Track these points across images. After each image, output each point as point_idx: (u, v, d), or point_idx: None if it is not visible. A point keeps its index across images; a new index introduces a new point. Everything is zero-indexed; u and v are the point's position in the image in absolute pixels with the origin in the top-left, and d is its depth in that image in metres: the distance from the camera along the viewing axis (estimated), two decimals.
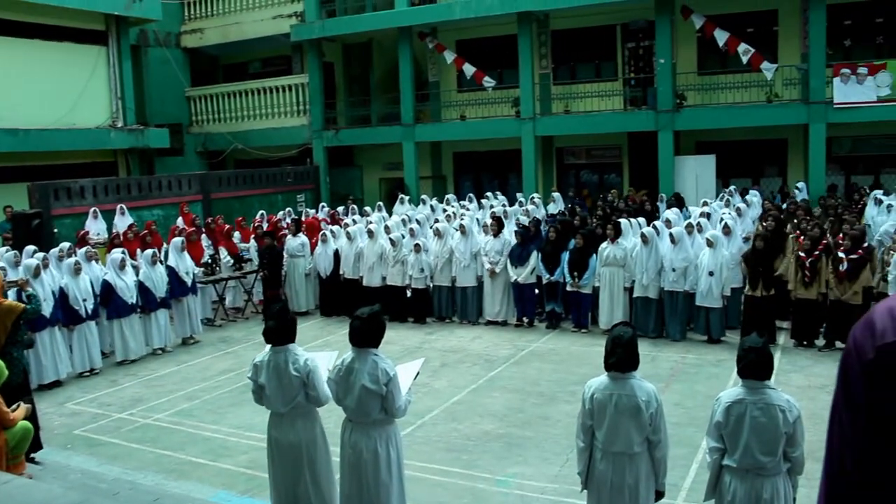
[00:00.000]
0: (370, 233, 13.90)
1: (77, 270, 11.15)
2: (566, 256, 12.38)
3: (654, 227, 12.17)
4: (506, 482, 7.05)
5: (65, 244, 12.40)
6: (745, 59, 18.17)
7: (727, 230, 11.83)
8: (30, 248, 12.02)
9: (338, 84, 25.13)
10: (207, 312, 14.48)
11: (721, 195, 17.02)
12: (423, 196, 20.11)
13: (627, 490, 4.93)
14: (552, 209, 18.03)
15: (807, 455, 4.68)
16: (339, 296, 14.10)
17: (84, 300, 11.07)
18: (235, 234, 15.88)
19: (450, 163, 24.45)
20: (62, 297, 10.84)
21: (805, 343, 11.04)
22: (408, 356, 10.35)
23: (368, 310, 5.44)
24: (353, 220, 16.24)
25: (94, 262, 12.04)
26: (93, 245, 13.71)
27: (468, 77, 21.63)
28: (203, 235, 15.30)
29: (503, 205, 17.73)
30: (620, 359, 4.90)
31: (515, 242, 12.94)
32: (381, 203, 19.19)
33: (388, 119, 23.60)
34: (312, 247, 14.78)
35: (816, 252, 10.82)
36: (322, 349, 9.30)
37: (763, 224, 12.98)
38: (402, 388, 5.41)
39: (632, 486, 4.93)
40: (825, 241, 11.14)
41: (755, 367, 4.69)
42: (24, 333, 7.64)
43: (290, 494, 5.75)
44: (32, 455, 7.31)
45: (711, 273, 11.22)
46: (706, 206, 14.69)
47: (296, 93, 23.81)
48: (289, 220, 16.52)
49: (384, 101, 24.19)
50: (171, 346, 12.62)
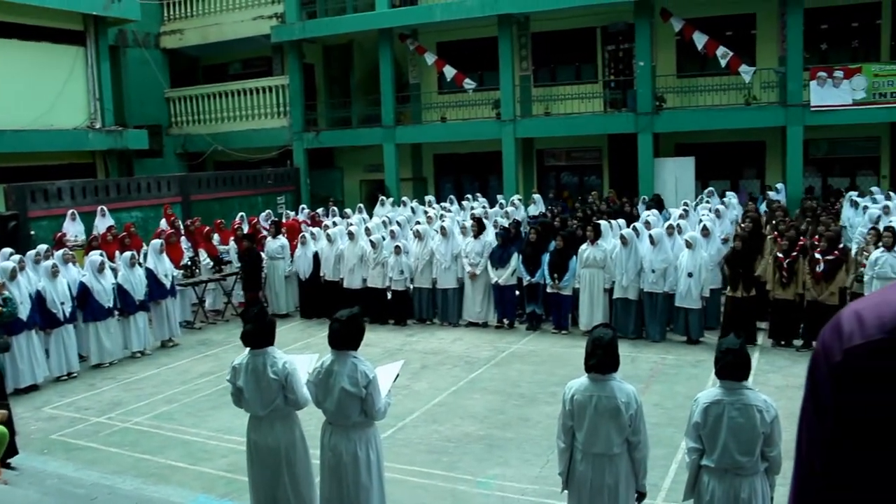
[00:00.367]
0: (350, 235, 13.88)
1: (54, 273, 11.04)
2: (546, 258, 12.42)
3: (634, 229, 12.24)
4: (486, 484, 7.06)
5: (42, 246, 12.23)
6: (724, 62, 18.32)
7: (706, 232, 11.92)
8: (6, 251, 11.91)
9: (318, 85, 25.05)
10: (187, 315, 14.39)
11: (700, 197, 17.15)
12: (404, 198, 20.11)
13: (607, 491, 4.95)
14: (533, 211, 18.08)
15: (784, 454, 4.71)
16: (320, 298, 14.06)
17: (61, 303, 10.96)
18: (215, 237, 15.78)
19: (430, 165, 24.44)
20: (39, 301, 10.72)
21: (783, 343, 11.15)
22: (388, 358, 10.34)
23: (348, 312, 5.43)
24: (334, 222, 16.20)
25: (72, 265, 11.92)
26: (70, 247, 13.58)
27: (449, 79, 21.64)
28: (182, 237, 15.20)
29: (483, 206, 17.76)
30: (600, 360, 4.92)
31: (496, 244, 12.97)
32: (362, 205, 19.18)
33: (369, 121, 23.56)
34: (292, 249, 14.74)
35: (794, 253, 10.93)
36: (303, 351, 9.29)
37: (741, 225, 13.10)
38: (382, 391, 5.41)
39: (612, 487, 4.95)
40: (802, 242, 11.26)
41: (733, 369, 4.73)
42: (0, 337, 7.57)
43: (270, 498, 5.73)
44: (8, 461, 7.23)
45: (691, 274, 11.31)
46: (687, 208, 14.79)
47: (276, 94, 23.71)
48: (268, 223, 16.45)
49: (365, 103, 24.14)
50: (150, 349, 12.53)
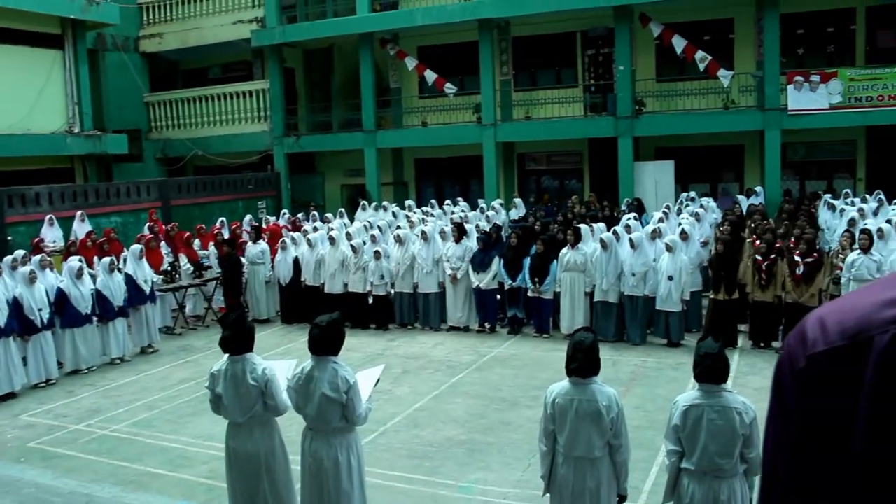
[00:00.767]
0: (331, 239, 13.84)
1: (32, 279, 10.91)
2: (528, 262, 12.44)
3: (615, 233, 12.29)
4: (468, 488, 7.06)
5: (19, 252, 12.07)
6: (703, 67, 18.47)
7: (684, 235, 12.00)
8: None
9: (299, 90, 24.98)
10: (167, 321, 14.29)
11: (680, 200, 17.25)
12: (385, 202, 20.09)
13: (589, 494, 4.97)
14: (514, 215, 18.12)
15: None
16: (301, 303, 14.01)
17: (39, 310, 10.85)
18: (196, 242, 15.69)
19: (411, 169, 24.42)
20: (16, 307, 10.59)
21: (762, 345, 11.24)
22: (370, 363, 10.30)
23: (328, 318, 5.42)
24: (315, 227, 16.15)
25: (49, 271, 11.81)
26: (48, 253, 13.45)
27: (429, 83, 21.65)
28: (162, 243, 15.09)
29: (462, 211, 17.77)
30: (581, 364, 4.94)
31: (477, 248, 12.98)
32: (343, 209, 19.14)
33: (350, 125, 23.50)
34: (273, 254, 14.68)
35: (772, 255, 11.03)
36: (284, 357, 9.26)
37: (720, 229, 13.20)
38: (363, 396, 5.40)
39: (593, 490, 4.97)
40: (778, 245, 11.37)
41: (711, 372, 4.76)
42: None
43: None
44: None
45: (671, 278, 11.37)
46: (668, 211, 14.88)
47: (256, 99, 23.61)
48: (248, 228, 16.39)
49: (345, 108, 24.09)
50: (130, 356, 12.42)
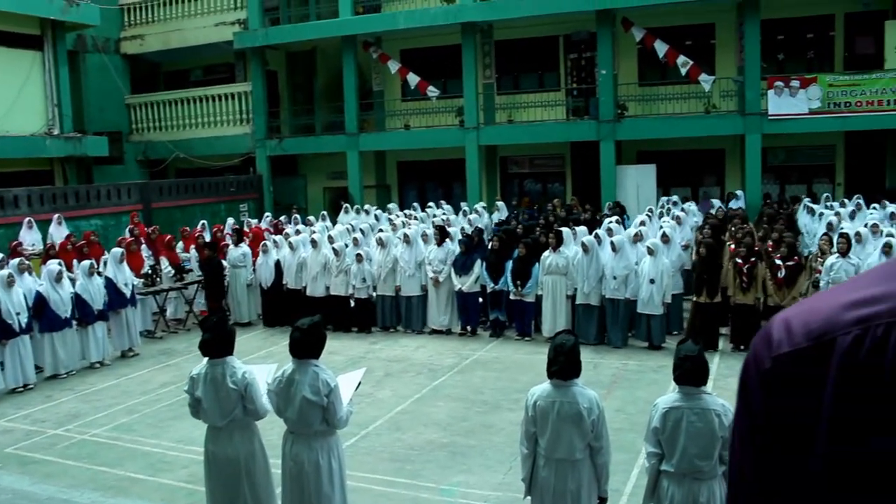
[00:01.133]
0: (314, 242, 13.80)
1: (10, 283, 10.78)
2: (510, 265, 12.47)
3: (596, 236, 12.34)
4: (450, 491, 7.06)
5: None
6: (684, 71, 18.60)
7: (665, 238, 12.06)
8: None
9: (281, 92, 24.91)
10: (148, 324, 14.19)
11: (662, 204, 17.34)
12: (367, 205, 20.06)
13: (570, 496, 4.98)
14: (496, 218, 18.15)
15: None
16: (282, 306, 13.95)
17: (17, 314, 10.73)
18: (179, 244, 15.61)
19: (394, 172, 24.42)
20: None
21: (743, 347, 11.30)
22: (351, 366, 10.29)
23: (309, 321, 5.41)
24: (297, 230, 16.09)
25: (28, 274, 11.68)
26: (27, 256, 13.32)
27: (412, 86, 21.66)
28: (143, 246, 14.99)
29: (445, 214, 17.78)
30: (563, 366, 4.96)
31: (459, 251, 12.99)
32: (325, 212, 19.10)
33: (332, 128, 23.47)
34: (255, 257, 14.62)
35: (753, 258, 11.12)
36: (265, 360, 9.21)
37: (702, 232, 13.28)
38: (344, 399, 5.39)
39: (574, 493, 4.98)
40: (757, 248, 11.47)
41: (691, 375, 4.79)
42: None
43: None
44: None
45: (652, 281, 11.43)
46: (651, 214, 14.96)
47: (239, 101, 23.52)
48: (230, 231, 16.31)
49: (328, 110, 24.05)
50: (110, 360, 12.32)
